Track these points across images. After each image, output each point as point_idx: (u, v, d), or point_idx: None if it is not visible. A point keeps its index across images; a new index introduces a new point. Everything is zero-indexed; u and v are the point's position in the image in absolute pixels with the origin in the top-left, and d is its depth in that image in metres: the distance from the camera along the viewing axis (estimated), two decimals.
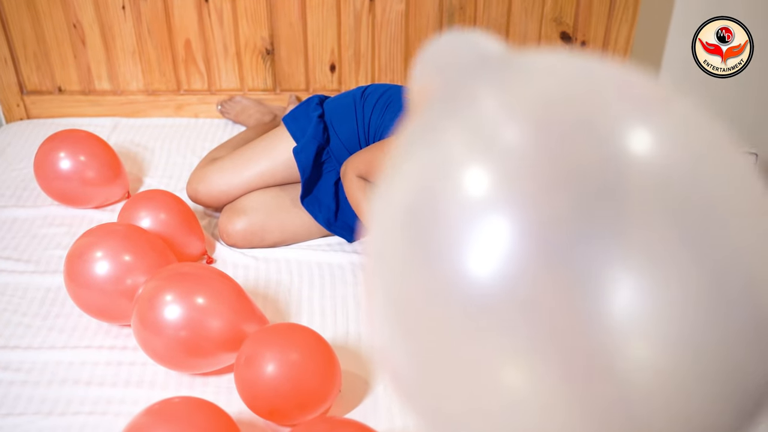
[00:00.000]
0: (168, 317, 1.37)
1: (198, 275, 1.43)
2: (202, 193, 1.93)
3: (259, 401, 1.31)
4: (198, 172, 1.97)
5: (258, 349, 1.32)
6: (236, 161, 1.93)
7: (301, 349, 1.31)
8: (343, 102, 1.92)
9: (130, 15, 2.29)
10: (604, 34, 2.37)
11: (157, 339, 1.39)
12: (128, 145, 2.28)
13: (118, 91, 2.43)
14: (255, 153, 1.93)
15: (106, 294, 1.50)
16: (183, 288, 1.39)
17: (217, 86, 2.43)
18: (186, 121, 2.44)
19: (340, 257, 1.82)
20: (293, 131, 1.88)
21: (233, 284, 1.46)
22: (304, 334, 1.35)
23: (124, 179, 2.01)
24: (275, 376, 1.29)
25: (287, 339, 1.33)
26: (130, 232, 1.56)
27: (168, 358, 1.41)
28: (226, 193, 1.92)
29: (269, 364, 1.29)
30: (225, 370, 1.48)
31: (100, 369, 1.49)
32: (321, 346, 1.34)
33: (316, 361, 1.31)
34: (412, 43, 2.36)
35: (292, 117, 1.92)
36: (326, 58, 2.38)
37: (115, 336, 1.57)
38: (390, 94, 1.90)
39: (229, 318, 1.40)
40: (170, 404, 1.20)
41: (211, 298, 1.39)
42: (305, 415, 1.31)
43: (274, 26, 2.32)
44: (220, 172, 1.93)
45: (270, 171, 1.91)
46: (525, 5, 2.31)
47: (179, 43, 2.35)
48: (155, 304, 1.37)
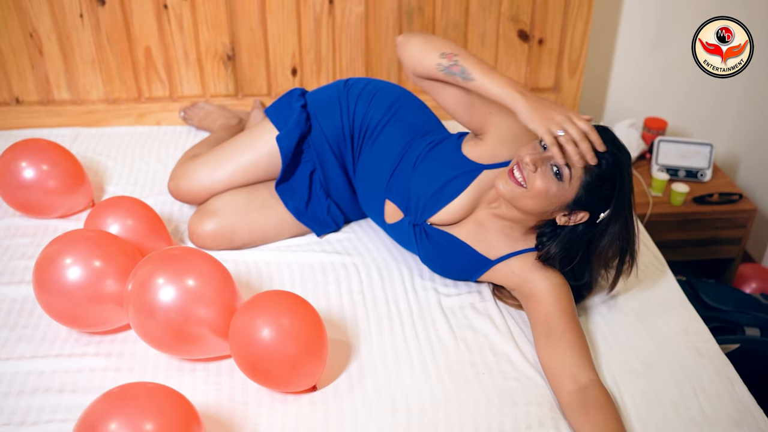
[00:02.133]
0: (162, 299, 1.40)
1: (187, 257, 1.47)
2: (184, 189, 1.92)
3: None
4: (179, 169, 1.95)
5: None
6: (219, 155, 1.92)
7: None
8: (326, 93, 1.93)
9: (88, 23, 2.27)
10: (560, 31, 2.42)
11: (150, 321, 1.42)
12: (90, 154, 2.26)
13: (78, 100, 2.40)
14: (238, 145, 1.92)
15: (77, 301, 1.49)
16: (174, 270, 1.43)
17: (179, 93, 2.42)
18: (148, 129, 2.42)
19: (310, 257, 1.83)
20: (276, 121, 1.89)
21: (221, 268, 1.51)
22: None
23: (88, 188, 1.99)
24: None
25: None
26: (99, 238, 1.55)
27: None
28: (208, 188, 1.90)
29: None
30: (205, 363, 1.48)
31: (72, 377, 1.48)
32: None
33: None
34: (373, 45, 2.38)
35: (275, 108, 1.92)
36: (287, 62, 2.39)
37: (86, 343, 1.56)
38: (374, 85, 1.91)
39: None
40: (129, 388, 1.20)
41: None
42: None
43: (234, 31, 2.33)
44: (203, 167, 1.91)
45: (253, 163, 1.89)
46: (482, 5, 2.35)
47: (139, 51, 2.34)
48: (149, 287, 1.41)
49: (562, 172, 1.43)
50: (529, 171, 1.45)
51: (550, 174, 1.44)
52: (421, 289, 1.73)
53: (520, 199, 1.49)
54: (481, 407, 1.42)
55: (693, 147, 2.64)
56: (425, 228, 1.71)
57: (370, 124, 1.85)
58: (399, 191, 1.76)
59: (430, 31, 2.37)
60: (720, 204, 2.53)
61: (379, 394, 1.45)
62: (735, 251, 2.61)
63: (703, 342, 1.61)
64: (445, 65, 1.56)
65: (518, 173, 1.48)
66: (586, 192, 1.45)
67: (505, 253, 1.63)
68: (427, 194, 1.69)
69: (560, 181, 1.44)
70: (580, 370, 1.43)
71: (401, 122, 1.84)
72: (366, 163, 1.86)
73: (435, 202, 1.68)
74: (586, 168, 1.43)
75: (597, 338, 1.60)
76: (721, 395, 1.48)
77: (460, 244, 1.67)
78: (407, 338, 1.59)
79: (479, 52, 2.43)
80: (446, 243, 1.68)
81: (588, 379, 1.42)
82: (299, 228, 1.91)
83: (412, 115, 1.87)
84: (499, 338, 1.59)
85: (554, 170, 1.44)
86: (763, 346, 2.10)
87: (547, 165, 1.45)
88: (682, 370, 1.53)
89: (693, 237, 2.55)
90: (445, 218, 1.68)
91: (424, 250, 1.74)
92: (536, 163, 1.44)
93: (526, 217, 1.55)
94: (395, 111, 1.85)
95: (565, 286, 1.57)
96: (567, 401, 1.41)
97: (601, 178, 1.44)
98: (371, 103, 1.86)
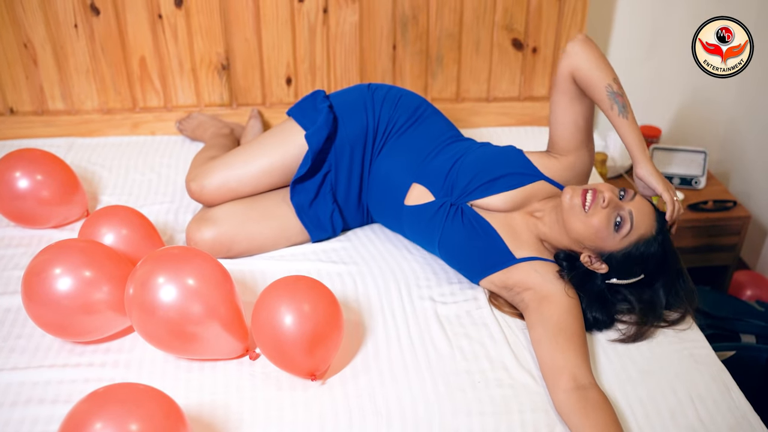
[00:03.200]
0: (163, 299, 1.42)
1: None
2: (210, 189, 1.87)
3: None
4: (200, 169, 1.92)
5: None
6: (245, 155, 1.90)
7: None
8: (351, 95, 1.95)
9: (83, 33, 2.27)
10: (554, 39, 2.43)
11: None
12: (85, 164, 2.26)
13: (73, 110, 2.40)
14: (265, 145, 1.90)
15: (66, 311, 1.48)
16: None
17: (174, 103, 2.42)
18: (143, 139, 2.42)
19: (305, 265, 1.83)
20: (302, 122, 1.89)
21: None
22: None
23: (83, 197, 1.99)
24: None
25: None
26: (88, 247, 1.54)
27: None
28: (235, 190, 1.87)
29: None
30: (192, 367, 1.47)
31: (65, 387, 1.47)
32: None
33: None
34: (367, 54, 2.39)
35: (299, 109, 1.92)
36: (282, 72, 2.39)
37: (80, 353, 1.55)
38: (397, 90, 1.98)
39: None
40: (113, 389, 1.20)
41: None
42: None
43: (229, 41, 2.33)
44: (227, 167, 1.88)
45: (281, 163, 1.88)
46: (476, 14, 2.36)
47: (134, 61, 2.34)
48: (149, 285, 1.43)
49: (622, 225, 1.54)
50: (600, 203, 1.55)
51: (612, 219, 1.54)
52: (417, 298, 1.73)
53: (573, 216, 1.58)
54: (476, 415, 1.42)
55: (687, 154, 2.65)
56: (463, 208, 1.74)
57: (396, 124, 1.91)
58: (435, 175, 1.81)
59: (424, 41, 2.38)
60: (714, 211, 2.54)
61: (374, 401, 1.45)
62: (730, 258, 2.62)
63: (699, 349, 1.61)
64: (614, 90, 1.65)
65: (589, 197, 1.56)
66: (623, 256, 1.56)
67: (532, 255, 1.67)
68: (482, 178, 1.74)
69: (614, 231, 1.54)
70: (581, 371, 1.45)
71: (430, 122, 1.94)
72: (389, 156, 1.89)
73: (487, 188, 1.74)
74: (646, 240, 1.55)
75: (594, 345, 1.60)
76: (718, 402, 1.47)
77: (493, 233, 1.70)
78: (402, 346, 1.58)
79: (474, 61, 2.44)
80: (479, 227, 1.71)
81: (588, 381, 1.44)
82: (297, 238, 1.91)
83: (438, 120, 1.97)
84: (495, 346, 1.59)
85: (617, 219, 1.54)
86: (758, 352, 2.10)
87: (615, 211, 1.54)
88: (679, 377, 1.53)
89: (687, 244, 2.55)
90: (490, 205, 1.74)
91: (450, 231, 1.74)
92: (610, 203, 1.54)
93: (561, 236, 1.64)
94: (421, 114, 1.94)
95: (579, 304, 1.61)
96: (564, 399, 1.41)
97: (641, 258, 1.56)
98: (397, 105, 1.93)
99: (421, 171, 1.83)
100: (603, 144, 2.66)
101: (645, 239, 1.56)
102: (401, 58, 2.41)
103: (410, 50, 2.39)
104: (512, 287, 1.65)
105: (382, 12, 2.32)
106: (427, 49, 2.40)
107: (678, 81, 2.81)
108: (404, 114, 1.93)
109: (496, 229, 1.70)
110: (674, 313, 1.66)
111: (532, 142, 2.44)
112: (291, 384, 1.48)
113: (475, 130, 2.49)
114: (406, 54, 2.40)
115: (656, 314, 1.63)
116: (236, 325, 1.50)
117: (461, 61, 2.44)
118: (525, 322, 1.65)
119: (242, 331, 1.51)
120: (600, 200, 1.54)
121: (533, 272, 1.63)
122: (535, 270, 1.63)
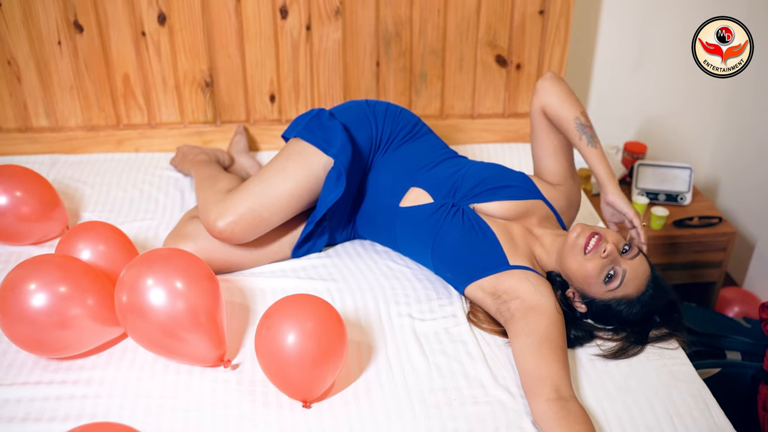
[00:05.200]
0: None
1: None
2: (242, 224, 1.76)
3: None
4: (222, 205, 1.79)
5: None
6: (268, 181, 1.80)
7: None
8: (353, 111, 1.96)
9: (67, 50, 2.27)
10: (538, 56, 2.44)
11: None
12: (67, 181, 2.25)
13: (57, 127, 2.40)
14: (286, 169, 1.82)
15: (41, 327, 1.47)
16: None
17: (158, 120, 2.42)
18: (127, 156, 2.42)
19: (284, 283, 1.82)
20: (316, 142, 1.83)
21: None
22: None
23: (63, 214, 1.98)
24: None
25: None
26: (63, 262, 1.53)
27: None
28: (267, 221, 1.79)
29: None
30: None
31: (38, 405, 1.45)
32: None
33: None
34: (351, 71, 2.39)
35: (308, 130, 1.86)
36: (266, 89, 2.40)
37: (54, 370, 1.54)
38: (395, 106, 2.02)
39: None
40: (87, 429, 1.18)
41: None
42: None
43: (212, 58, 2.33)
44: (254, 196, 1.78)
45: (306, 185, 1.81)
46: (459, 30, 2.37)
47: (118, 78, 2.34)
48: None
49: (612, 279, 1.58)
50: (600, 252, 1.58)
51: (605, 270, 1.58)
52: (396, 315, 1.72)
53: (572, 254, 1.62)
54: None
55: (673, 171, 2.65)
56: (465, 209, 1.76)
57: (398, 135, 1.94)
58: (437, 180, 1.84)
59: (408, 57, 2.39)
60: (700, 227, 2.54)
61: (349, 419, 1.43)
62: (716, 275, 2.61)
63: (679, 366, 1.60)
64: (582, 122, 1.77)
65: (593, 241, 1.60)
66: (603, 306, 1.63)
67: (526, 266, 1.69)
68: (489, 184, 1.80)
69: (602, 282, 1.59)
70: (564, 383, 1.45)
71: (428, 138, 1.99)
72: (387, 165, 1.91)
73: (493, 194, 1.79)
74: (629, 300, 1.60)
75: (573, 360, 1.59)
76: (697, 420, 1.46)
77: (491, 236, 1.71)
78: (379, 364, 1.57)
79: (457, 77, 2.44)
80: (479, 228, 1.73)
81: (569, 393, 1.44)
82: (277, 256, 1.90)
83: (435, 137, 2.02)
84: (472, 363, 1.57)
85: (610, 272, 1.58)
86: (744, 370, 2.08)
87: (611, 264, 1.58)
88: (658, 394, 1.52)
89: (673, 261, 2.55)
90: (491, 210, 1.78)
91: (448, 230, 1.75)
92: (610, 255, 1.58)
93: (555, 265, 1.69)
94: (419, 129, 2.00)
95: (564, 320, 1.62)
96: (545, 410, 1.40)
97: (619, 314, 1.63)
98: (399, 118, 1.97)
99: (421, 176, 1.86)
100: None
101: (629, 299, 1.61)
102: (385, 75, 2.42)
103: (394, 67, 2.40)
104: (501, 294, 1.64)
105: (365, 29, 2.33)
106: (410, 66, 2.41)
107: (663, 97, 2.82)
108: (405, 127, 1.96)
109: (496, 234, 1.72)
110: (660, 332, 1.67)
111: (517, 158, 2.44)
112: (265, 401, 1.47)
113: (460, 146, 2.49)
114: (389, 71, 2.41)
115: (641, 341, 1.64)
116: (216, 331, 1.51)
117: (445, 77, 2.44)
118: (504, 339, 1.64)
119: (219, 338, 1.51)
120: (601, 249, 1.58)
121: (526, 281, 1.63)
122: (527, 279, 1.64)
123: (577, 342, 1.63)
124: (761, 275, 2.71)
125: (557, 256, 1.69)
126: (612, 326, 1.67)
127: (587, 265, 1.59)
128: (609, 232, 1.63)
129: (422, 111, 2.49)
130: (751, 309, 2.58)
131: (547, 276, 1.70)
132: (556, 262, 1.69)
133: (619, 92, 2.77)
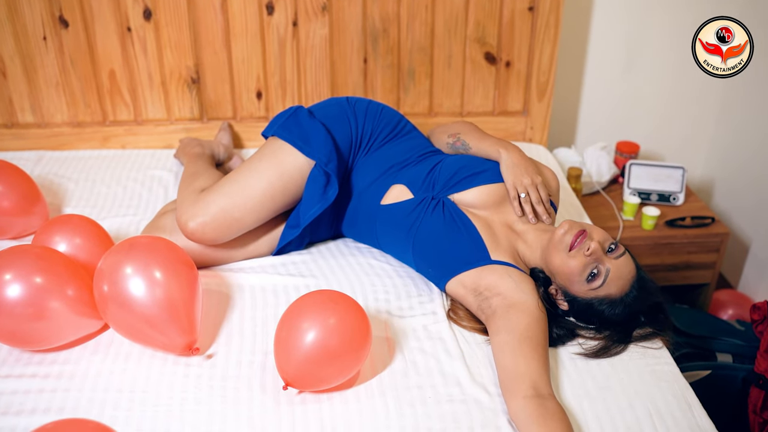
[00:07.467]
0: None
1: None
2: (213, 225, 1.73)
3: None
4: (194, 206, 1.75)
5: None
6: (240, 181, 1.77)
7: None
8: (332, 109, 1.93)
9: (52, 46, 2.26)
10: (528, 53, 2.41)
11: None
12: (52, 177, 2.24)
13: (43, 123, 2.39)
14: (259, 169, 1.79)
15: (17, 318, 1.45)
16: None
17: (144, 116, 2.41)
18: (113, 153, 2.40)
19: (262, 279, 1.80)
20: (292, 140, 1.81)
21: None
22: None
23: (44, 209, 1.96)
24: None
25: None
26: (40, 253, 1.51)
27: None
28: (240, 221, 1.75)
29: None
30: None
31: (18, 397, 1.42)
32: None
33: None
34: (338, 67, 2.37)
35: (285, 128, 1.83)
36: (252, 86, 2.38)
37: (36, 362, 1.51)
38: (377, 103, 1.99)
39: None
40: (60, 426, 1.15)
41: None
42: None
43: (198, 55, 2.32)
44: (225, 196, 1.75)
45: (280, 185, 1.78)
46: (447, 27, 2.34)
47: (103, 74, 2.33)
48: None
49: (595, 278, 1.56)
50: (584, 249, 1.56)
51: (588, 268, 1.56)
52: (374, 311, 1.69)
53: (557, 251, 1.60)
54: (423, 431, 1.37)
55: (665, 170, 2.62)
56: (445, 201, 1.75)
57: (380, 135, 1.92)
58: (417, 175, 1.83)
59: (395, 54, 2.37)
60: (692, 228, 2.50)
61: (320, 416, 1.41)
62: (709, 276, 2.57)
63: (663, 365, 1.57)
64: (451, 143, 1.90)
65: (579, 240, 1.58)
66: (585, 304, 1.60)
67: (508, 261, 1.66)
68: (464, 173, 1.78)
69: (585, 280, 1.57)
70: (543, 381, 1.43)
71: (411, 137, 1.98)
72: (369, 164, 1.89)
73: (469, 182, 1.77)
74: (612, 300, 1.58)
75: (553, 358, 1.56)
76: (678, 420, 1.43)
77: (473, 230, 1.69)
78: None
79: (446, 75, 2.42)
80: (460, 222, 1.71)
81: (547, 392, 1.41)
82: (254, 251, 1.87)
83: (419, 135, 2.01)
84: (450, 361, 1.54)
85: (593, 271, 1.56)
86: (735, 371, 2.05)
87: (594, 262, 1.56)
88: (639, 393, 1.48)
89: (665, 261, 2.51)
90: (469, 199, 1.76)
91: (429, 224, 1.72)
92: (594, 254, 1.55)
93: (539, 261, 1.67)
94: (402, 128, 1.98)
95: (547, 318, 1.59)
96: (522, 406, 1.37)
97: (601, 314, 1.60)
98: (380, 117, 1.94)
99: (403, 174, 1.84)
100: (579, 160, 2.63)
101: (611, 299, 1.58)
102: (372, 72, 2.39)
103: (381, 63, 2.38)
104: (483, 291, 1.61)
105: (352, 25, 2.31)
106: (398, 63, 2.39)
107: (657, 96, 2.79)
108: (387, 126, 1.94)
109: (477, 227, 1.70)
110: (644, 331, 1.64)
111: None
112: (235, 397, 1.44)
113: None
114: (377, 67, 2.39)
115: (624, 340, 1.61)
116: (187, 318, 1.50)
117: (433, 74, 2.42)
118: (484, 337, 1.61)
119: (191, 326, 1.51)
120: (585, 247, 1.56)
121: (507, 277, 1.60)
122: (509, 275, 1.61)
123: (560, 341, 1.60)
124: (756, 277, 2.67)
125: (541, 252, 1.66)
126: (594, 325, 1.64)
127: (570, 262, 1.57)
128: (596, 230, 1.61)
129: (410, 109, 2.47)
130: (746, 312, 2.54)
131: (531, 272, 1.68)
132: (540, 257, 1.66)
133: (611, 91, 2.74)
